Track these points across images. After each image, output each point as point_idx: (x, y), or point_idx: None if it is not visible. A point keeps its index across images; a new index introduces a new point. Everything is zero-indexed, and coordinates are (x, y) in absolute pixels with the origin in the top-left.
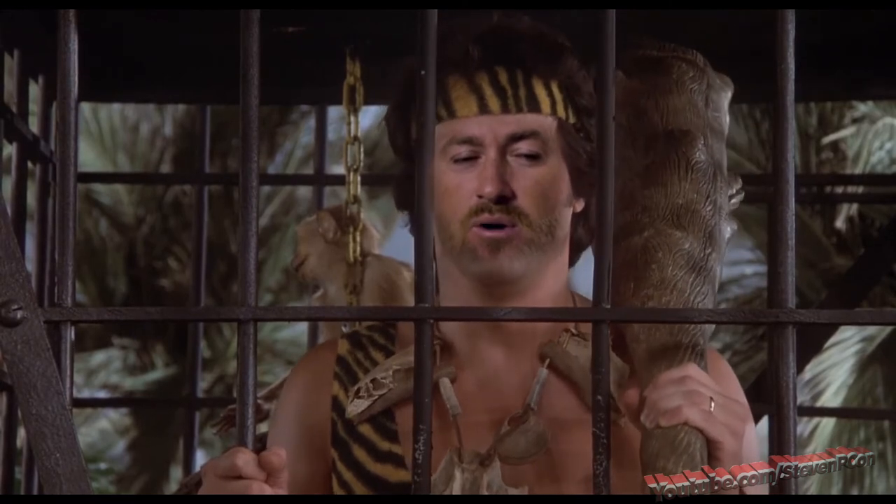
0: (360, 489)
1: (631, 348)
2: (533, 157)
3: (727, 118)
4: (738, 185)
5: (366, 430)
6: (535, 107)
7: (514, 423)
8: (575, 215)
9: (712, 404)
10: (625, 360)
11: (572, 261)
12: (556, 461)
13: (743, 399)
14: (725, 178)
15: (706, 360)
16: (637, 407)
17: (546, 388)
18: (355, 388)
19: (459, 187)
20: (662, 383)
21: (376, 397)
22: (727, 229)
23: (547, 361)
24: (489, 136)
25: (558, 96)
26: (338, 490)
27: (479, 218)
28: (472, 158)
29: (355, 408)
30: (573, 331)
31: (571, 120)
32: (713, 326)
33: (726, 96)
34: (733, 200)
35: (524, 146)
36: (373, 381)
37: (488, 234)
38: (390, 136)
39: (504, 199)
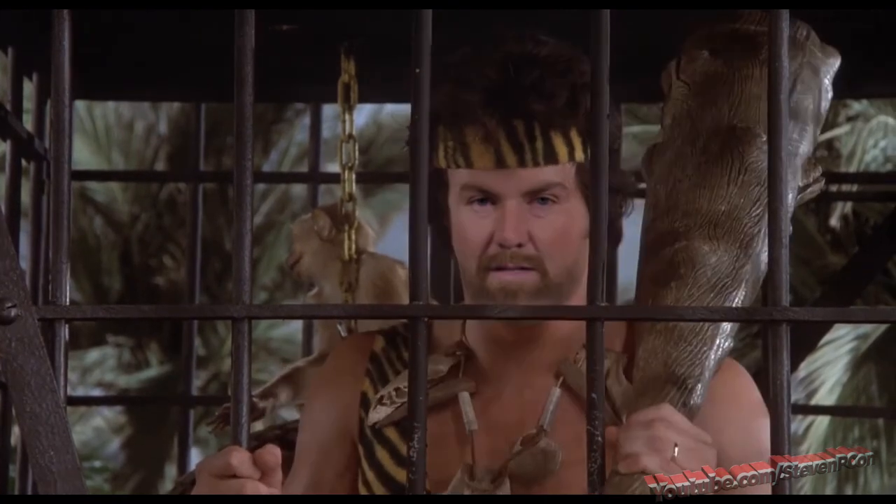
0: (379, 490)
1: (634, 374)
2: (550, 202)
3: (825, 95)
4: (817, 172)
5: (391, 433)
6: (552, 159)
7: (527, 444)
8: None
9: (676, 450)
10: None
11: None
12: (566, 483)
13: (760, 412)
14: (798, 170)
15: (698, 392)
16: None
17: (560, 407)
18: (378, 395)
19: (474, 230)
20: (631, 424)
21: (398, 405)
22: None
23: (560, 380)
24: (506, 191)
25: (576, 141)
26: (360, 488)
27: (496, 263)
28: (485, 202)
29: (377, 414)
30: None
31: (589, 157)
32: (727, 348)
33: (826, 71)
34: (810, 188)
35: (543, 195)
36: (396, 389)
37: (505, 277)
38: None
39: (522, 245)
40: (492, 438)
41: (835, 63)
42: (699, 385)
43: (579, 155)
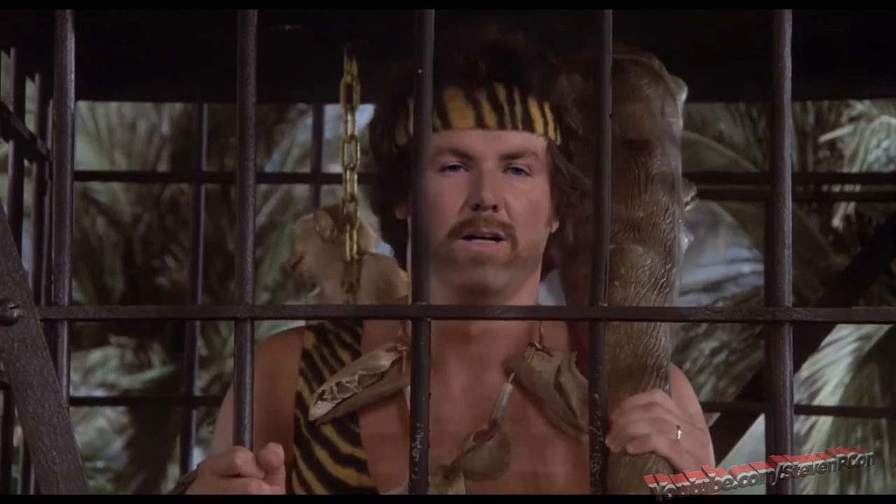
0: (320, 490)
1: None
2: (524, 174)
3: (681, 122)
4: (693, 191)
5: (328, 431)
6: (529, 126)
7: (480, 439)
8: (551, 235)
9: (679, 433)
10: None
11: (541, 278)
12: (522, 477)
13: (703, 422)
14: (681, 186)
15: (669, 379)
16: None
17: (511, 403)
18: (319, 390)
19: (448, 196)
20: (629, 408)
21: (340, 401)
22: (685, 241)
23: (512, 376)
24: (485, 151)
25: (550, 117)
26: (297, 488)
27: (468, 230)
28: (458, 167)
29: (318, 410)
30: (538, 346)
31: (559, 141)
32: (674, 347)
33: (681, 100)
34: (688, 207)
35: (517, 163)
36: (338, 384)
37: (476, 247)
38: (375, 140)
39: (497, 208)
40: (440, 432)
41: (683, 95)
42: (669, 374)
43: (551, 132)
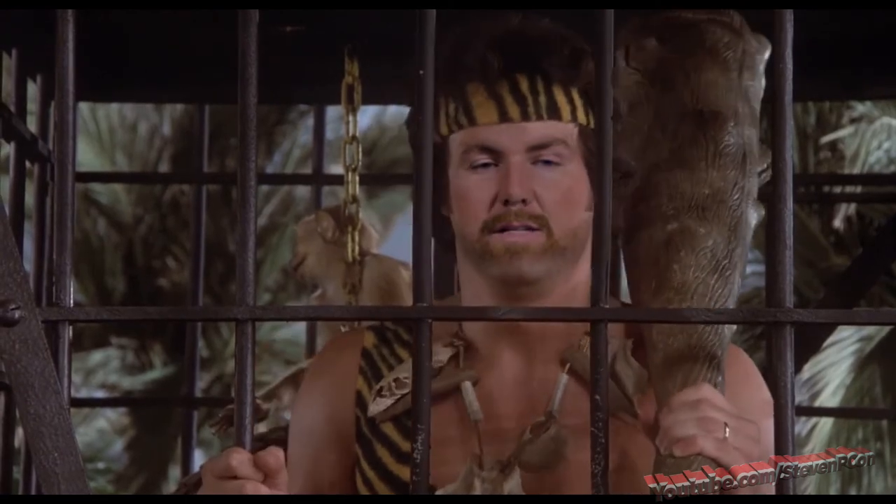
0: (381, 489)
1: (649, 356)
2: (554, 164)
3: (763, 83)
4: (769, 158)
5: (388, 429)
6: (555, 114)
7: (536, 431)
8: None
9: (727, 430)
10: (645, 365)
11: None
12: (577, 470)
13: (765, 409)
14: (755, 156)
15: (723, 369)
16: (653, 424)
17: (567, 393)
18: (378, 386)
19: (478, 191)
20: (676, 406)
21: (399, 396)
22: (754, 216)
23: (567, 366)
24: (511, 145)
25: (578, 102)
26: (361, 488)
27: (500, 224)
28: (488, 165)
29: (377, 406)
30: None
31: (592, 125)
32: (733, 330)
33: (762, 59)
34: (762, 176)
35: (545, 153)
36: (395, 380)
37: (510, 239)
38: (412, 138)
39: (526, 202)
40: (497, 428)
41: (766, 51)
42: (723, 364)
43: (581, 117)
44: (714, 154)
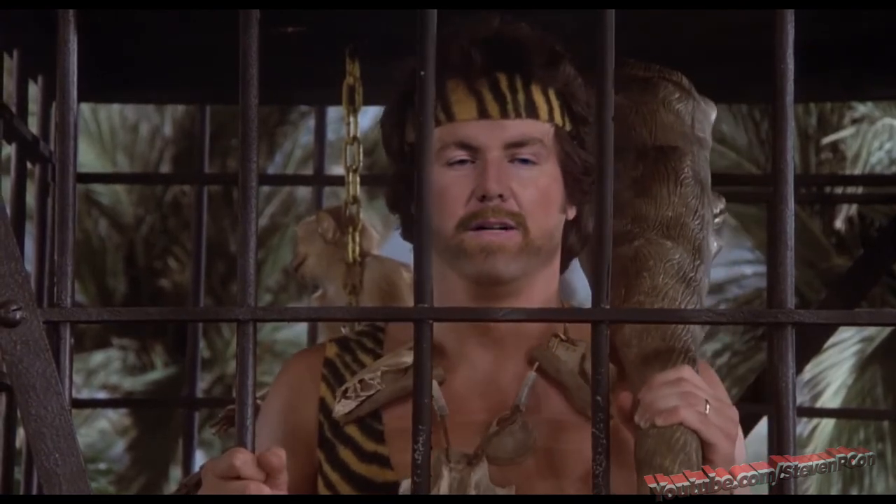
0: (345, 490)
1: (622, 353)
2: (531, 163)
3: (710, 140)
4: (722, 204)
5: (352, 430)
6: (533, 113)
7: (503, 424)
8: (567, 222)
9: (707, 406)
10: (613, 363)
11: (563, 268)
12: (547, 460)
13: (733, 411)
14: (710, 196)
15: (697, 366)
16: (630, 409)
17: (535, 391)
18: (342, 388)
19: (455, 188)
20: (658, 384)
21: (364, 398)
22: (714, 244)
23: (536, 364)
24: (489, 141)
25: (555, 103)
26: (323, 491)
27: (476, 221)
28: (465, 161)
29: (342, 408)
30: (562, 336)
31: (567, 127)
32: (703, 335)
33: (711, 117)
34: (717, 219)
35: (522, 152)
36: (360, 381)
37: (486, 237)
38: (385, 139)
39: (504, 198)
40: (466, 422)
41: (713, 114)
42: (696, 359)
43: (558, 118)
44: (675, 182)
